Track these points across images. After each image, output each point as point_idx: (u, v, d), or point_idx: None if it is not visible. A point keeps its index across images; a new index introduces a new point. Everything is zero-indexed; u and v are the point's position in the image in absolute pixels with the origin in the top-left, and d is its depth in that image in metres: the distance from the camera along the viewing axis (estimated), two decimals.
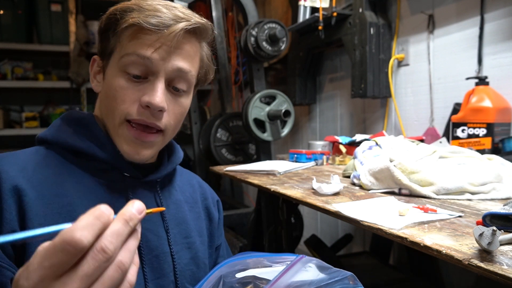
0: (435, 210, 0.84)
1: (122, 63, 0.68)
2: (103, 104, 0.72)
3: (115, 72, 0.69)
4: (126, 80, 0.68)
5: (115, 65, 0.69)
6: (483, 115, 1.34)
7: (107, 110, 0.70)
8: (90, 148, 0.69)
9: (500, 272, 0.53)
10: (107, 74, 0.71)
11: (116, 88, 0.68)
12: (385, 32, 1.92)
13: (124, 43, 0.68)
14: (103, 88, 0.72)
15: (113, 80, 0.69)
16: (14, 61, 3.47)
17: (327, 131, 2.50)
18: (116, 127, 0.69)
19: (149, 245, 0.71)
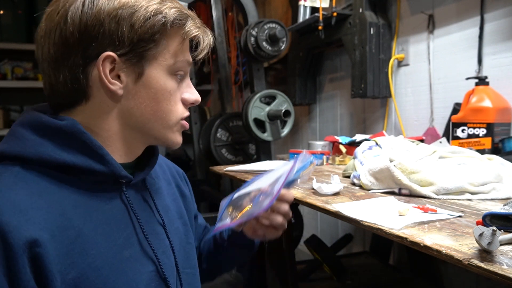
0: (435, 210, 0.84)
1: (175, 68, 0.69)
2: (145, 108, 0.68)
3: (164, 75, 0.68)
4: (176, 82, 0.70)
5: (163, 69, 0.68)
6: (483, 115, 1.34)
7: (158, 113, 0.69)
8: (85, 162, 0.64)
9: (500, 272, 0.53)
10: (151, 76, 0.67)
11: (170, 91, 0.69)
12: (385, 32, 1.92)
13: (175, 48, 0.69)
14: (138, 91, 0.67)
15: (165, 83, 0.68)
16: (14, 61, 3.47)
17: (327, 131, 2.50)
18: (172, 127, 0.71)
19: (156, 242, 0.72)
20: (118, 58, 0.65)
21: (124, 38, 0.64)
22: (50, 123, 0.64)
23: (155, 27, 0.65)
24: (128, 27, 0.64)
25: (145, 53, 0.66)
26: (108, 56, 0.64)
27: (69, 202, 0.61)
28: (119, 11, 0.63)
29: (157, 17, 0.65)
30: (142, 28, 0.64)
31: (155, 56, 0.67)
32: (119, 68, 0.65)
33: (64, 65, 0.64)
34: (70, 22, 0.63)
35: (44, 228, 0.57)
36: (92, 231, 0.62)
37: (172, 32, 0.68)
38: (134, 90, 0.67)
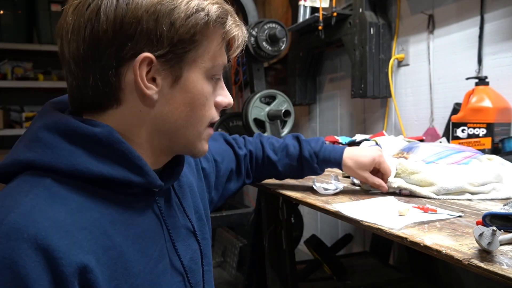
0: (435, 210, 0.84)
1: (213, 71, 0.64)
2: (179, 114, 0.62)
3: (202, 78, 0.63)
4: (212, 86, 0.66)
5: (201, 72, 0.63)
6: (483, 115, 1.34)
7: (191, 118, 0.63)
8: (124, 174, 0.58)
9: (500, 272, 0.53)
10: (189, 80, 0.62)
11: (207, 95, 0.64)
12: (385, 32, 1.92)
13: (214, 51, 0.63)
14: (173, 96, 0.62)
15: (202, 87, 0.63)
16: (14, 61, 3.47)
17: (327, 131, 2.50)
18: (202, 133, 0.66)
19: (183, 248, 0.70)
20: (156, 60, 0.58)
21: (163, 38, 0.57)
22: (83, 130, 0.57)
23: (197, 26, 0.59)
24: (168, 25, 0.57)
25: (184, 54, 0.60)
26: (146, 58, 0.57)
27: (106, 218, 0.56)
28: (158, 7, 0.57)
29: (199, 15, 0.59)
30: (183, 27, 0.58)
31: (194, 58, 0.61)
32: (155, 71, 0.59)
33: (94, 66, 0.58)
34: (103, 18, 0.56)
35: (90, 251, 0.52)
36: (131, 247, 0.58)
37: (213, 31, 0.62)
38: (169, 95, 0.61)
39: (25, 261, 0.46)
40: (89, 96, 0.60)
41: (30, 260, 0.46)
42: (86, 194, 0.55)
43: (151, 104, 0.61)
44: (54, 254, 0.47)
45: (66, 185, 0.55)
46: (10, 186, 0.55)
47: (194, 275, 0.70)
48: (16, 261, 0.46)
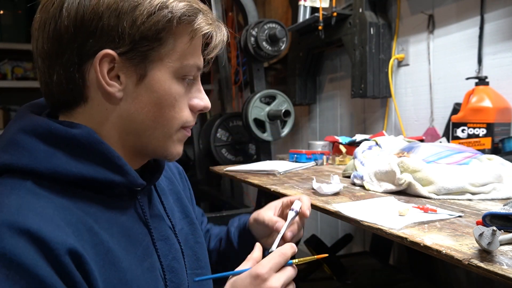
0: (435, 210, 0.84)
1: (182, 71, 0.62)
2: (146, 113, 0.61)
3: (169, 78, 0.61)
4: (183, 87, 0.64)
5: (168, 71, 0.61)
6: (483, 115, 1.34)
7: (159, 119, 0.62)
8: (104, 175, 0.58)
9: (500, 272, 0.53)
10: (154, 79, 0.60)
11: (175, 96, 0.62)
12: (385, 32, 1.92)
13: (183, 48, 0.61)
14: (139, 94, 0.60)
15: (170, 87, 0.61)
16: (14, 61, 3.47)
17: (327, 131, 2.50)
18: (172, 134, 0.65)
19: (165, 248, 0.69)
20: (118, 57, 0.58)
21: (125, 35, 0.57)
22: (61, 132, 0.57)
23: (159, 23, 0.58)
24: (130, 22, 0.56)
25: (148, 52, 0.59)
26: (107, 55, 0.57)
27: (90, 217, 0.56)
28: (120, 4, 0.56)
29: (162, 12, 0.58)
30: (145, 24, 0.57)
31: (160, 56, 0.60)
32: (119, 68, 0.59)
33: (58, 62, 0.58)
34: (65, 15, 0.56)
35: (79, 244, 0.52)
36: (116, 245, 0.58)
37: (180, 29, 0.60)
38: (135, 93, 0.60)
39: (26, 255, 0.47)
40: (56, 93, 0.60)
41: (30, 253, 0.47)
42: (68, 196, 0.56)
43: (116, 102, 0.60)
44: (42, 236, 0.48)
45: (47, 187, 0.54)
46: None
47: (177, 275, 0.69)
48: (17, 257, 0.46)
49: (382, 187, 1.09)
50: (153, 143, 0.64)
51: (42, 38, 0.59)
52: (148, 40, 0.58)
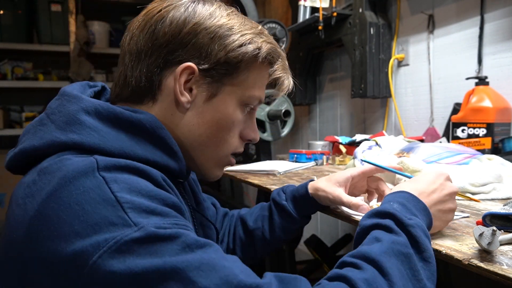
0: None
1: (247, 100, 0.68)
2: (205, 130, 0.67)
3: (235, 104, 0.68)
4: (242, 114, 0.69)
5: (236, 97, 0.67)
6: (483, 115, 1.34)
7: (214, 139, 0.68)
8: (163, 159, 0.62)
9: (500, 272, 0.53)
10: (222, 101, 0.67)
11: (235, 121, 0.68)
12: (385, 32, 1.92)
13: (254, 81, 0.68)
14: (204, 111, 0.66)
15: (232, 111, 0.68)
16: (14, 61, 3.48)
17: (327, 131, 2.50)
18: (220, 157, 0.70)
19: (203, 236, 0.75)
20: (198, 72, 0.64)
21: (212, 54, 0.64)
22: (126, 115, 0.60)
23: (246, 55, 0.65)
24: (220, 46, 0.64)
25: (224, 76, 0.65)
26: (189, 67, 0.63)
27: None
28: (217, 29, 0.64)
29: (251, 47, 0.65)
30: (234, 52, 0.64)
31: (233, 82, 0.66)
32: (194, 82, 0.65)
33: (145, 61, 0.64)
34: (167, 23, 0.63)
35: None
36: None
37: (259, 66, 0.68)
38: (201, 109, 0.66)
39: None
40: (131, 86, 0.65)
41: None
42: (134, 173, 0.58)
43: (182, 111, 0.65)
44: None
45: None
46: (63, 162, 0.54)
47: None
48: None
49: None
50: (200, 160, 0.69)
51: (138, 37, 0.65)
52: (229, 65, 0.65)
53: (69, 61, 3.50)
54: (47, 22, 3.46)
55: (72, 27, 3.49)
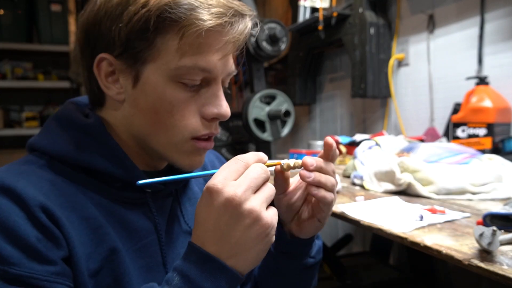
0: (443, 211, 0.83)
1: (177, 74, 0.56)
2: (144, 118, 0.59)
3: (164, 81, 0.57)
4: (184, 91, 0.58)
5: (163, 74, 0.57)
6: (483, 115, 1.34)
7: (158, 125, 0.59)
8: (106, 167, 0.58)
9: (500, 272, 0.53)
10: (148, 82, 0.57)
11: (172, 101, 0.57)
12: (385, 32, 1.92)
13: (177, 50, 0.56)
14: (136, 97, 0.59)
15: (164, 91, 0.57)
16: (14, 61, 3.48)
17: (327, 131, 2.50)
18: (178, 145, 0.60)
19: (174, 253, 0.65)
20: (115, 60, 0.58)
21: (116, 37, 0.56)
22: (76, 120, 0.60)
23: (139, 23, 0.55)
24: (118, 24, 0.56)
25: (139, 54, 0.56)
26: (102, 58, 0.58)
27: (89, 200, 0.57)
28: (114, 8, 0.56)
29: (142, 11, 0.55)
30: (128, 25, 0.55)
31: (152, 58, 0.56)
32: (118, 71, 0.58)
33: (81, 64, 0.63)
34: (80, 22, 0.61)
35: (60, 209, 0.53)
36: (115, 232, 0.58)
37: (167, 28, 0.55)
38: (133, 96, 0.59)
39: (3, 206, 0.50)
40: (88, 91, 0.64)
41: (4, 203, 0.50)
42: (72, 179, 0.57)
43: (121, 104, 0.61)
44: (18, 192, 0.51)
45: (57, 168, 0.57)
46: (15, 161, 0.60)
47: None
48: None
49: (382, 187, 1.09)
50: (158, 149, 0.61)
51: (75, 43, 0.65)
52: (135, 41, 0.56)
53: (69, 61, 3.50)
54: (47, 22, 3.47)
55: (72, 27, 3.49)
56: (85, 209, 0.56)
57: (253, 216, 0.49)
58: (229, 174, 0.51)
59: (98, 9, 0.58)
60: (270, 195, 0.52)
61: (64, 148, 0.58)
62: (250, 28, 0.61)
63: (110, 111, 0.62)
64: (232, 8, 0.57)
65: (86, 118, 0.61)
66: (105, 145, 0.59)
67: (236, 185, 0.49)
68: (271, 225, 0.50)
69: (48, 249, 0.50)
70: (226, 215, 0.49)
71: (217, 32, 0.56)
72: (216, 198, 0.49)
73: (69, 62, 3.52)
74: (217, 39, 0.57)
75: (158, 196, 0.64)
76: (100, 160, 0.58)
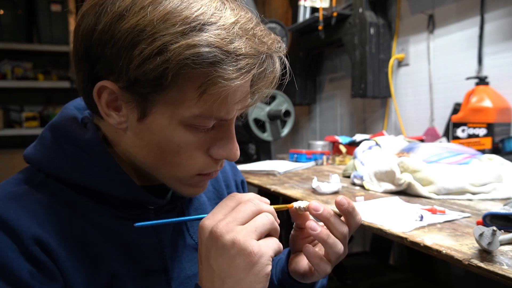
0: (443, 211, 0.83)
1: (191, 122, 0.51)
2: (148, 152, 0.55)
3: (174, 125, 0.51)
4: (194, 134, 0.53)
5: (174, 118, 0.51)
6: (483, 115, 1.34)
7: (163, 162, 0.55)
8: (105, 187, 0.55)
9: (500, 272, 0.53)
10: (156, 122, 0.52)
11: (180, 144, 0.53)
12: (385, 32, 1.92)
13: (193, 102, 0.50)
14: (141, 131, 0.53)
15: (173, 134, 0.52)
16: (14, 61, 3.48)
17: (327, 131, 2.50)
18: (182, 179, 0.57)
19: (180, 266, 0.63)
20: (119, 90, 0.51)
21: (123, 72, 0.49)
22: (72, 134, 0.56)
23: (155, 71, 0.47)
24: (127, 61, 0.48)
25: (149, 95, 0.50)
26: (104, 87, 0.51)
27: (87, 221, 0.54)
28: (123, 36, 0.48)
29: (160, 57, 0.46)
30: (140, 68, 0.47)
31: (165, 102, 0.50)
32: (122, 99, 0.52)
33: (78, 77, 0.56)
34: (80, 33, 0.52)
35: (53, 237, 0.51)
36: (114, 255, 0.55)
37: (193, 81, 0.48)
38: (137, 129, 0.53)
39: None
40: (86, 103, 0.58)
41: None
42: (68, 197, 0.55)
43: (123, 129, 0.55)
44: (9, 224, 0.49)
45: (51, 186, 0.55)
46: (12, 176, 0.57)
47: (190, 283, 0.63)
48: None
49: (382, 187, 1.09)
50: (161, 179, 0.58)
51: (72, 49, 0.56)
52: (146, 84, 0.49)
53: (69, 61, 3.50)
54: (47, 22, 3.47)
55: (72, 27, 3.49)
56: (83, 234, 0.53)
57: (236, 247, 0.48)
58: (219, 209, 0.51)
59: (102, 29, 0.49)
60: (262, 224, 0.50)
61: (59, 166, 0.55)
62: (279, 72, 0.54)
63: (111, 131, 0.57)
64: (262, 52, 0.50)
65: (84, 128, 0.57)
66: (102, 163, 0.55)
67: (221, 218, 0.50)
68: (259, 254, 0.48)
69: (43, 284, 0.48)
70: (212, 248, 0.49)
71: (242, 87, 0.51)
72: (203, 234, 0.50)
73: (69, 62, 3.52)
74: (243, 91, 0.52)
75: (161, 211, 0.62)
76: (97, 178, 0.55)
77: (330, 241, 0.54)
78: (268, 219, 0.51)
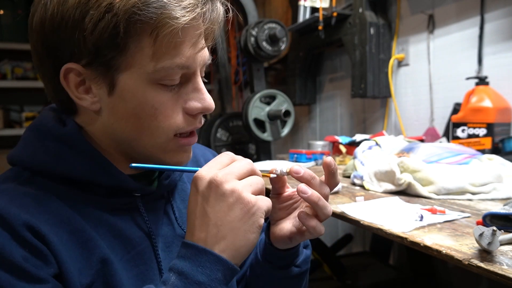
0: (443, 211, 0.83)
1: (156, 77, 0.54)
2: (126, 124, 0.56)
3: (143, 86, 0.54)
4: (165, 91, 0.55)
5: (140, 78, 0.54)
6: (483, 115, 1.34)
7: (141, 129, 0.56)
8: (88, 175, 0.56)
9: (500, 272, 0.53)
10: (126, 88, 0.54)
11: (154, 104, 0.55)
12: (385, 32, 1.92)
13: (152, 52, 0.53)
14: (114, 105, 0.56)
15: (145, 95, 0.54)
16: (14, 61, 3.47)
17: (327, 131, 2.50)
18: (162, 145, 0.58)
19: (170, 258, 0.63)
20: (84, 69, 0.53)
21: (80, 46, 0.52)
22: (52, 129, 0.57)
23: (107, 30, 0.50)
24: (82, 32, 0.51)
25: (111, 61, 0.53)
26: (69, 69, 0.54)
27: (76, 212, 0.55)
28: (73, 13, 0.51)
29: (107, 16, 0.50)
30: (94, 33, 0.50)
31: (126, 63, 0.53)
32: (89, 80, 0.54)
33: (42, 74, 0.58)
34: (34, 29, 0.55)
35: (46, 225, 0.51)
36: (106, 241, 0.56)
37: (138, 30, 0.52)
38: (110, 104, 0.56)
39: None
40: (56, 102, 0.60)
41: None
42: (56, 192, 0.56)
43: (97, 114, 0.57)
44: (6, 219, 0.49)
45: (39, 182, 0.56)
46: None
47: None
48: None
49: (382, 187, 1.09)
50: (144, 153, 0.59)
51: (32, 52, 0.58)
52: (105, 49, 0.52)
53: None
54: None
55: None
56: (72, 223, 0.54)
57: (235, 195, 0.50)
58: (214, 164, 0.54)
59: (51, 14, 0.52)
60: (256, 183, 0.53)
61: (42, 160, 0.56)
62: (223, 15, 0.59)
63: (86, 119, 0.59)
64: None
65: (63, 125, 0.58)
66: (84, 153, 0.56)
67: (219, 170, 0.52)
68: (255, 204, 0.51)
69: (37, 268, 0.49)
70: (210, 196, 0.51)
71: (191, 27, 0.54)
72: (201, 184, 0.52)
73: None
74: (192, 33, 0.55)
75: (149, 199, 0.63)
76: (80, 168, 0.56)
77: (320, 203, 0.57)
78: (261, 180, 0.55)
